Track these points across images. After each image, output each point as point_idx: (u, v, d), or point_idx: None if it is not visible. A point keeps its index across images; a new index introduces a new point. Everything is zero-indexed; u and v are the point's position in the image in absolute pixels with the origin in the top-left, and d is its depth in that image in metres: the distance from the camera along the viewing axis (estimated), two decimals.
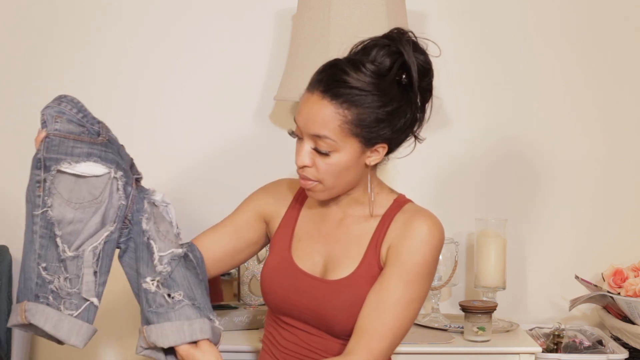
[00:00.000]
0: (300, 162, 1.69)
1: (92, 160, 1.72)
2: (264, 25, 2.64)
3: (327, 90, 1.63)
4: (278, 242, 1.83)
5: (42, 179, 1.71)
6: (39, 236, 1.70)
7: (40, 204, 1.70)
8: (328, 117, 1.63)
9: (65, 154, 1.72)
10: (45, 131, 1.73)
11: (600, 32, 2.66)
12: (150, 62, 2.64)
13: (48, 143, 1.72)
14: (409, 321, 1.72)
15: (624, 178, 2.68)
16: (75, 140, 1.73)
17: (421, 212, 1.74)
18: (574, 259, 2.66)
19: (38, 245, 1.70)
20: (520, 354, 2.27)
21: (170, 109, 2.65)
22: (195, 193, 2.64)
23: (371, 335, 1.67)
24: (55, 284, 1.69)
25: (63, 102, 1.76)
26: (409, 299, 1.70)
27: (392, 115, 1.66)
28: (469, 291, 2.66)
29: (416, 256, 1.69)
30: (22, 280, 1.70)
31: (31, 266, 1.69)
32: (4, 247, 2.54)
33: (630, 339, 2.40)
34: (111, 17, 2.63)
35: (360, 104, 1.63)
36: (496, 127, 2.66)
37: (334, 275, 1.75)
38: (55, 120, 1.74)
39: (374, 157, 1.71)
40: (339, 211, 1.80)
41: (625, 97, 2.68)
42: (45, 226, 1.70)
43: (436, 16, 2.64)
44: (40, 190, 1.71)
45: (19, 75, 2.64)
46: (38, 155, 1.72)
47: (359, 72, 1.63)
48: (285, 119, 2.64)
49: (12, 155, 2.65)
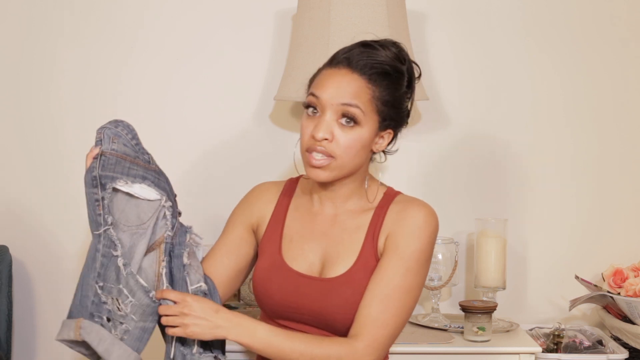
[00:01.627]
0: (321, 135, 1.70)
1: (146, 183, 1.73)
2: (264, 25, 2.64)
3: (357, 65, 1.71)
4: (267, 245, 1.83)
5: (100, 197, 1.69)
6: (102, 254, 1.68)
7: (102, 222, 1.69)
8: (360, 89, 1.70)
9: (121, 173, 1.71)
10: (99, 149, 1.72)
11: (598, 33, 2.66)
12: (150, 62, 2.64)
13: (104, 161, 1.71)
14: (409, 309, 1.74)
15: (624, 178, 2.68)
16: (132, 162, 1.74)
17: (415, 201, 1.79)
18: (574, 259, 2.66)
19: (99, 264, 1.68)
20: (520, 354, 2.27)
21: (170, 109, 2.65)
22: (195, 192, 2.64)
23: (373, 322, 1.69)
24: (110, 305, 1.68)
25: (120, 125, 1.77)
26: (408, 286, 1.72)
27: (401, 101, 1.76)
28: (469, 291, 2.66)
29: (414, 243, 1.73)
30: (78, 296, 1.69)
31: (90, 284, 1.68)
32: (4, 247, 2.54)
33: (630, 339, 2.40)
34: (112, 19, 2.63)
35: (384, 82, 1.72)
36: (496, 127, 2.66)
37: (332, 273, 1.75)
38: (112, 140, 1.74)
39: (380, 143, 1.77)
40: (332, 208, 1.81)
41: (625, 97, 2.67)
42: (108, 245, 1.69)
43: (436, 16, 2.64)
44: (100, 209, 1.69)
45: (22, 76, 2.64)
46: (93, 173, 1.71)
47: (386, 49, 1.74)
48: (285, 119, 2.64)
49: (12, 155, 2.65)
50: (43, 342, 2.66)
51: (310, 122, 1.73)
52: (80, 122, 2.63)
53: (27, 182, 2.65)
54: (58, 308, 2.64)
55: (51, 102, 2.64)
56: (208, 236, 2.41)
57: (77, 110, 2.64)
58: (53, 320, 2.65)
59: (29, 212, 2.65)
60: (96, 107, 2.65)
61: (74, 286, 1.65)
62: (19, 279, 2.63)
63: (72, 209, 2.63)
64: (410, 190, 2.00)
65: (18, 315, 2.64)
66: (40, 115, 2.64)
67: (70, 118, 2.64)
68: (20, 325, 2.65)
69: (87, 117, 2.63)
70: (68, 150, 2.63)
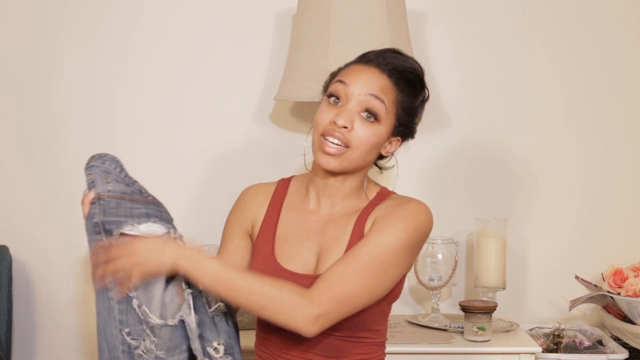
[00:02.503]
0: (342, 122, 1.71)
1: (151, 220, 1.67)
2: (264, 25, 2.64)
3: (387, 66, 1.76)
4: (260, 247, 1.82)
5: (106, 245, 1.63)
6: (116, 302, 1.62)
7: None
8: (387, 88, 1.74)
9: (125, 216, 1.65)
10: (94, 192, 1.65)
11: (599, 33, 2.66)
12: (150, 62, 2.64)
13: (104, 205, 1.64)
14: (377, 279, 1.68)
15: (624, 178, 2.68)
16: (131, 200, 1.67)
17: (412, 198, 1.81)
18: (574, 259, 2.66)
19: (117, 312, 1.62)
20: (520, 354, 2.27)
21: (170, 109, 2.65)
22: (195, 192, 2.64)
23: (333, 275, 1.66)
24: (142, 348, 1.63)
25: (106, 161, 1.68)
26: (380, 257, 1.68)
27: (416, 112, 1.81)
28: (469, 291, 2.66)
29: (400, 223, 1.71)
30: (105, 350, 1.63)
31: (113, 334, 1.63)
32: (4, 247, 2.54)
33: (630, 339, 2.40)
34: (111, 19, 2.63)
35: (408, 88, 1.77)
36: (496, 127, 2.66)
37: (324, 269, 1.75)
38: (106, 181, 1.66)
39: (388, 148, 1.80)
40: (329, 206, 1.82)
41: (625, 97, 2.68)
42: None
43: (436, 16, 2.64)
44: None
45: (22, 76, 2.64)
46: (95, 220, 1.64)
47: (413, 62, 1.80)
48: (286, 119, 2.64)
49: (12, 156, 2.65)
50: (43, 342, 2.66)
51: (331, 109, 1.74)
52: (80, 122, 2.63)
53: (27, 182, 2.65)
54: (58, 308, 2.65)
55: (51, 102, 2.64)
56: (208, 237, 2.42)
57: (77, 110, 2.64)
58: (53, 320, 2.65)
59: (29, 212, 2.65)
60: (96, 107, 2.65)
61: (74, 286, 1.64)
62: (19, 279, 2.63)
63: (72, 209, 2.63)
64: (410, 190, 2.00)
65: (18, 315, 2.64)
66: (40, 115, 2.64)
67: (70, 118, 2.64)
68: (20, 325, 2.65)
69: (87, 117, 2.63)
70: (68, 150, 2.63)
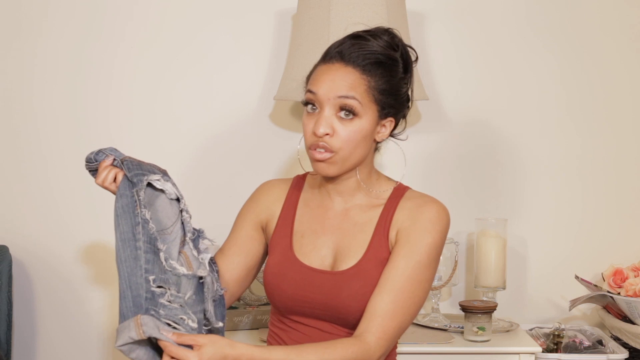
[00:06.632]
0: (322, 131, 1.71)
1: (171, 182, 1.73)
2: (264, 25, 2.64)
3: (350, 58, 1.73)
4: (278, 242, 1.84)
5: (135, 195, 1.67)
6: (144, 252, 1.65)
7: (140, 221, 1.66)
8: (355, 81, 1.72)
9: (149, 172, 1.70)
10: (113, 157, 1.72)
11: (600, 32, 2.66)
12: (151, 62, 2.64)
13: (127, 164, 1.69)
14: (418, 301, 1.75)
15: (625, 178, 2.68)
16: (149, 164, 1.73)
17: (428, 197, 1.82)
18: (574, 259, 2.66)
19: (144, 261, 1.64)
20: (520, 354, 2.27)
21: (170, 108, 2.65)
22: (195, 192, 2.64)
23: (383, 314, 1.70)
24: (167, 297, 1.64)
25: (108, 149, 1.75)
26: (418, 279, 1.74)
27: (398, 88, 1.76)
28: (469, 291, 2.66)
29: (426, 237, 1.75)
30: (129, 298, 1.61)
31: (139, 282, 1.63)
32: (4, 247, 2.54)
33: (630, 339, 2.40)
34: (110, 18, 2.63)
35: (378, 71, 1.73)
36: (496, 127, 2.66)
37: (343, 266, 1.77)
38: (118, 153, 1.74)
39: (382, 132, 1.78)
40: (342, 202, 1.83)
41: (626, 97, 2.67)
42: (149, 241, 1.65)
43: (436, 16, 2.64)
44: (138, 208, 1.66)
45: (16, 76, 2.64)
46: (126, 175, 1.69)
47: (377, 39, 1.74)
48: (285, 119, 2.64)
49: (11, 155, 2.65)
50: (43, 342, 2.66)
51: (310, 119, 1.74)
52: (80, 122, 2.63)
53: (27, 182, 2.65)
54: (58, 308, 2.65)
55: (46, 102, 2.63)
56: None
57: (77, 110, 2.64)
58: (53, 320, 2.65)
59: (29, 212, 2.65)
60: (95, 109, 2.65)
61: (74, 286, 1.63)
62: (19, 279, 2.63)
63: (72, 209, 2.64)
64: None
65: (18, 315, 2.64)
66: (40, 115, 2.64)
67: (70, 118, 2.64)
68: (20, 325, 2.65)
69: (87, 117, 2.63)
70: (68, 150, 2.63)
